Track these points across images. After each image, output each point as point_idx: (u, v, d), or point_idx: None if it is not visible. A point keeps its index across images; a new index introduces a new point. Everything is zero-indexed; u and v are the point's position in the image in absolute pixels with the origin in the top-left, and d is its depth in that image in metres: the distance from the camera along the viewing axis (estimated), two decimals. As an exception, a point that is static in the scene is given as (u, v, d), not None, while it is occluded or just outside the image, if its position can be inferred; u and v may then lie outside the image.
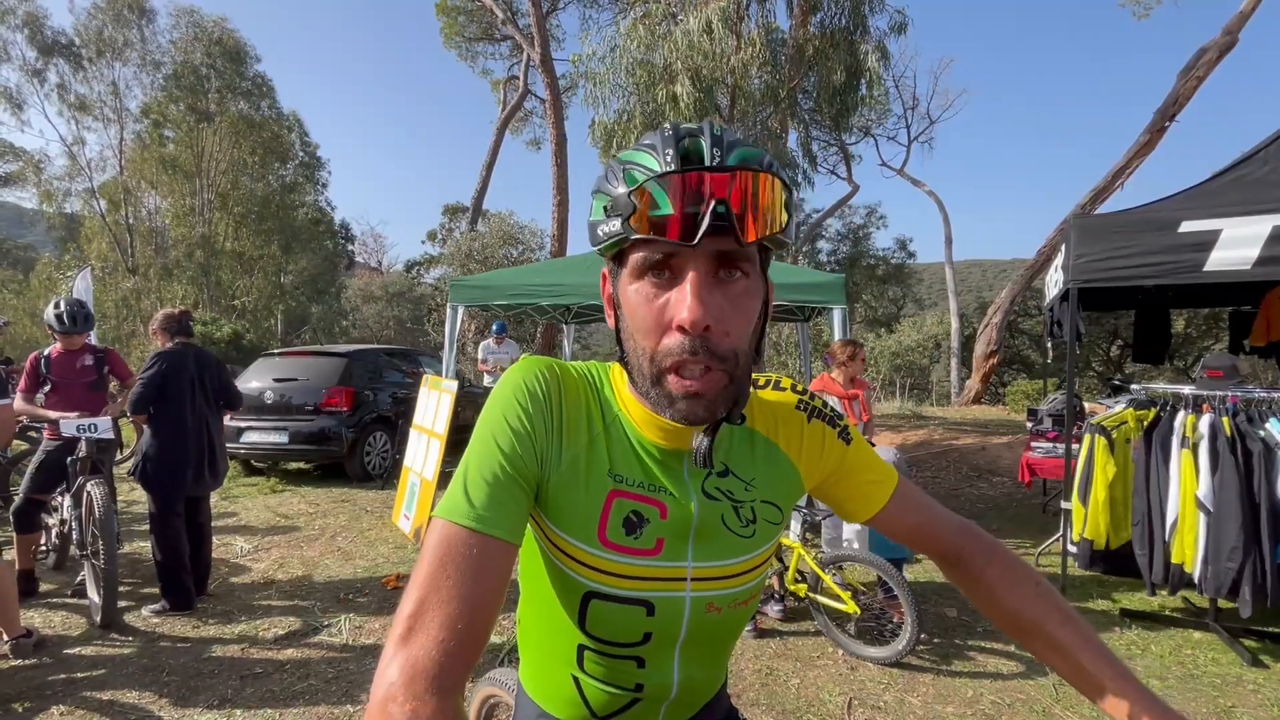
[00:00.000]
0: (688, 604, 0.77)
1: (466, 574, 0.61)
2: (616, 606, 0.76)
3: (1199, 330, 16.01)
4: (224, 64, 25.05)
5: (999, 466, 7.85)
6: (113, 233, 24.43)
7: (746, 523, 0.79)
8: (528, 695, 0.90)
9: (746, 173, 0.61)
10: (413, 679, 0.54)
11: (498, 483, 0.67)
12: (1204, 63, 9.33)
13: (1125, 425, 3.68)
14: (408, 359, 8.90)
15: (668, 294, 0.65)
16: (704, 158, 0.62)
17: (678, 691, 0.82)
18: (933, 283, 41.70)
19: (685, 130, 0.65)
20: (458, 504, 0.65)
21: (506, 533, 0.65)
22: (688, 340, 0.64)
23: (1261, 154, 3.67)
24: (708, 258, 0.64)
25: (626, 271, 0.68)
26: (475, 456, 0.70)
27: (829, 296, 4.88)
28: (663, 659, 0.80)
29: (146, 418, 3.69)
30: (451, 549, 0.62)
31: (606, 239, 0.66)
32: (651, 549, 0.75)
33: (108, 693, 2.83)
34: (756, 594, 0.84)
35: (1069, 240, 3.79)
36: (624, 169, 0.65)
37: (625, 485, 0.75)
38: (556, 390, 0.75)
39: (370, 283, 30.88)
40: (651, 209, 0.62)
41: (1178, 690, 2.93)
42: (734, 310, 0.65)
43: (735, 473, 0.80)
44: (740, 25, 9.83)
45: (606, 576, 0.75)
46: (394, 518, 5.59)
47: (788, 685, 2.96)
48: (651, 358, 0.67)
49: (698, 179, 0.61)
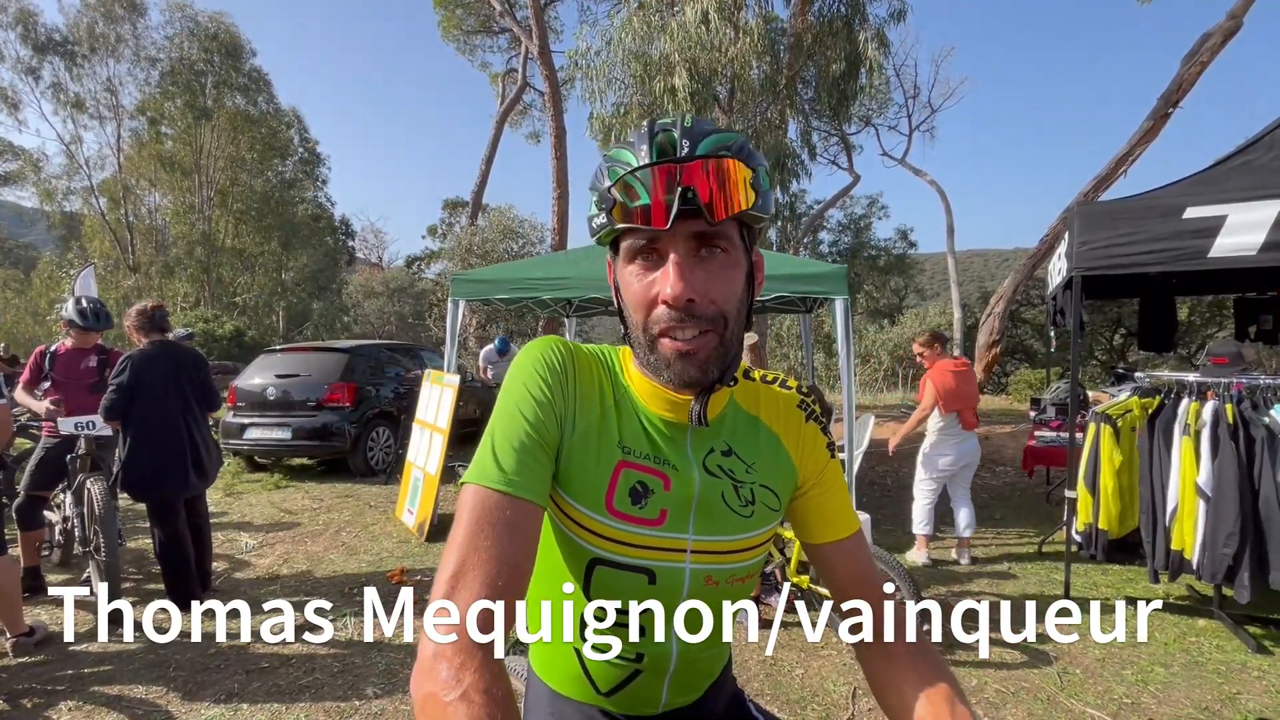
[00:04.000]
0: (687, 574, 0.82)
1: (502, 535, 0.65)
2: (620, 573, 0.80)
3: (1203, 318, 15.94)
4: (220, 59, 24.96)
5: (1002, 456, 7.84)
6: (113, 231, 24.42)
7: (746, 503, 0.83)
8: (538, 676, 0.93)
9: (712, 160, 0.68)
10: (456, 632, 0.58)
11: (524, 448, 0.72)
12: (1208, 48, 9.24)
13: (1130, 414, 3.67)
14: (409, 354, 8.91)
15: (655, 273, 0.72)
16: (675, 149, 0.69)
17: (677, 662, 0.85)
18: (934, 273, 41.54)
19: (660, 126, 0.71)
20: (488, 469, 0.69)
21: (535, 495, 0.70)
22: (675, 311, 0.70)
23: (1267, 139, 3.63)
24: (687, 239, 0.70)
25: (621, 258, 0.75)
26: (501, 424, 0.74)
27: (831, 287, 4.85)
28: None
29: (120, 424, 3.54)
30: (486, 512, 0.66)
31: (599, 230, 0.74)
32: (655, 519, 0.79)
33: (115, 688, 2.84)
34: (754, 573, 0.88)
35: (1072, 228, 3.76)
36: (608, 166, 0.72)
37: (632, 456, 0.80)
38: (572, 364, 0.81)
39: (371, 278, 30.87)
40: (632, 200, 0.69)
41: (1182, 678, 2.93)
42: (717, 281, 0.72)
43: (738, 454, 0.84)
44: (738, 15, 9.76)
45: (612, 544, 0.79)
46: (398, 512, 5.60)
47: (792, 675, 2.96)
48: (645, 327, 0.74)
49: (668, 170, 0.67)
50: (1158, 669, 3.01)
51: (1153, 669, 3.01)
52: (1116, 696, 2.79)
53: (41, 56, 23.17)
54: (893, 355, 19.36)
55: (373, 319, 28.06)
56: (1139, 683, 2.90)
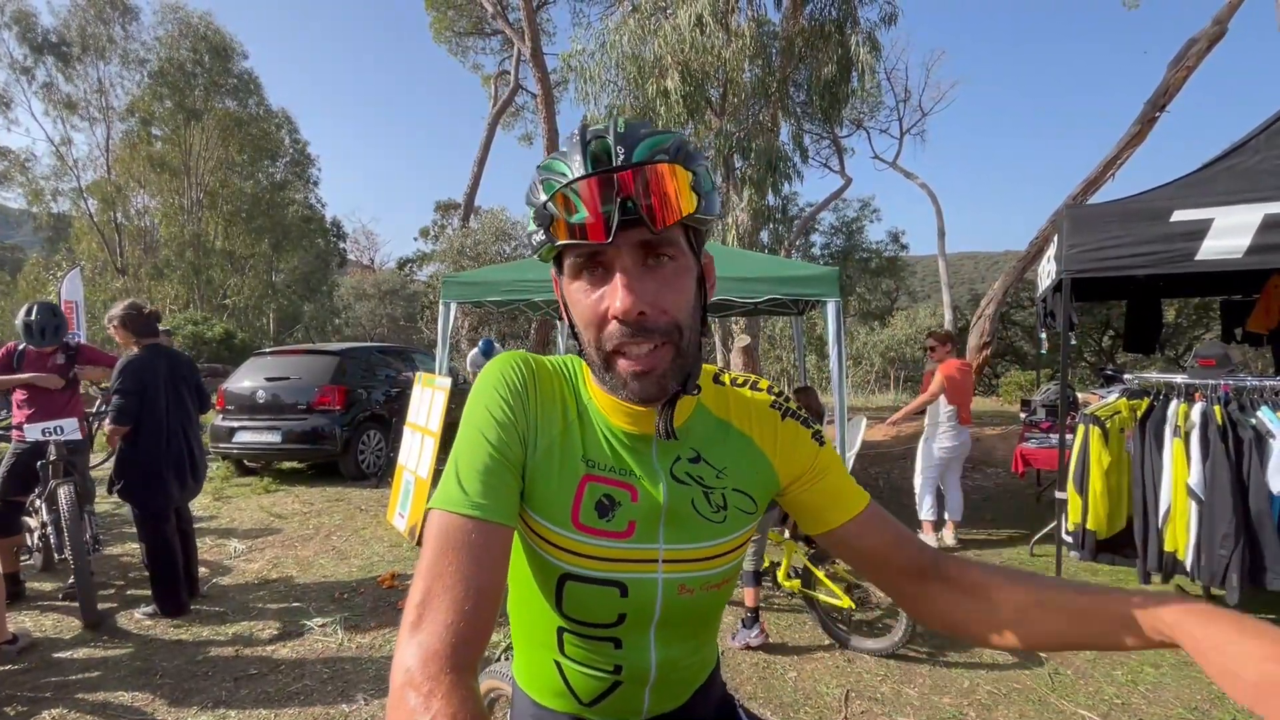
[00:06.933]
0: (660, 585, 0.80)
1: (468, 559, 0.64)
2: (591, 588, 0.79)
3: (1189, 320, 16.10)
4: (210, 60, 24.81)
5: (993, 457, 7.88)
6: (101, 232, 24.20)
7: (717, 508, 0.81)
8: (520, 688, 0.92)
9: (649, 166, 0.65)
10: (426, 662, 0.57)
11: (488, 470, 0.70)
12: (1193, 53, 9.34)
13: (1119, 415, 3.69)
14: (401, 357, 8.86)
15: (602, 288, 0.70)
16: (610, 157, 0.66)
17: (657, 673, 0.84)
18: (925, 275, 41.79)
19: (593, 133, 0.68)
20: (452, 494, 0.68)
21: (502, 516, 0.68)
22: (627, 326, 0.68)
23: (1252, 143, 3.68)
24: (632, 249, 0.68)
25: (565, 274, 0.73)
26: (464, 447, 0.73)
27: (823, 290, 4.87)
28: (638, 640, 0.82)
29: (128, 429, 3.50)
30: (451, 537, 0.65)
31: (539, 247, 0.72)
32: (623, 531, 0.78)
33: (101, 695, 2.80)
34: (731, 578, 0.87)
35: (1061, 231, 3.79)
36: (542, 179, 0.69)
37: (597, 470, 0.79)
38: (532, 381, 0.79)
39: (362, 280, 30.75)
40: (570, 214, 0.66)
41: (1172, 678, 2.95)
42: (667, 290, 0.69)
43: (707, 459, 0.83)
44: (730, 18, 9.78)
45: (580, 559, 0.78)
46: (389, 516, 5.56)
47: (785, 679, 2.96)
48: (598, 345, 0.71)
49: (603, 181, 0.65)
50: (1147, 669, 3.02)
51: (1143, 669, 3.03)
52: (1107, 697, 2.81)
53: (38, 56, 22.96)
54: (884, 357, 19.44)
55: (364, 321, 27.92)
56: (1129, 683, 2.92)
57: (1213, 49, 9.33)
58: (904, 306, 25.48)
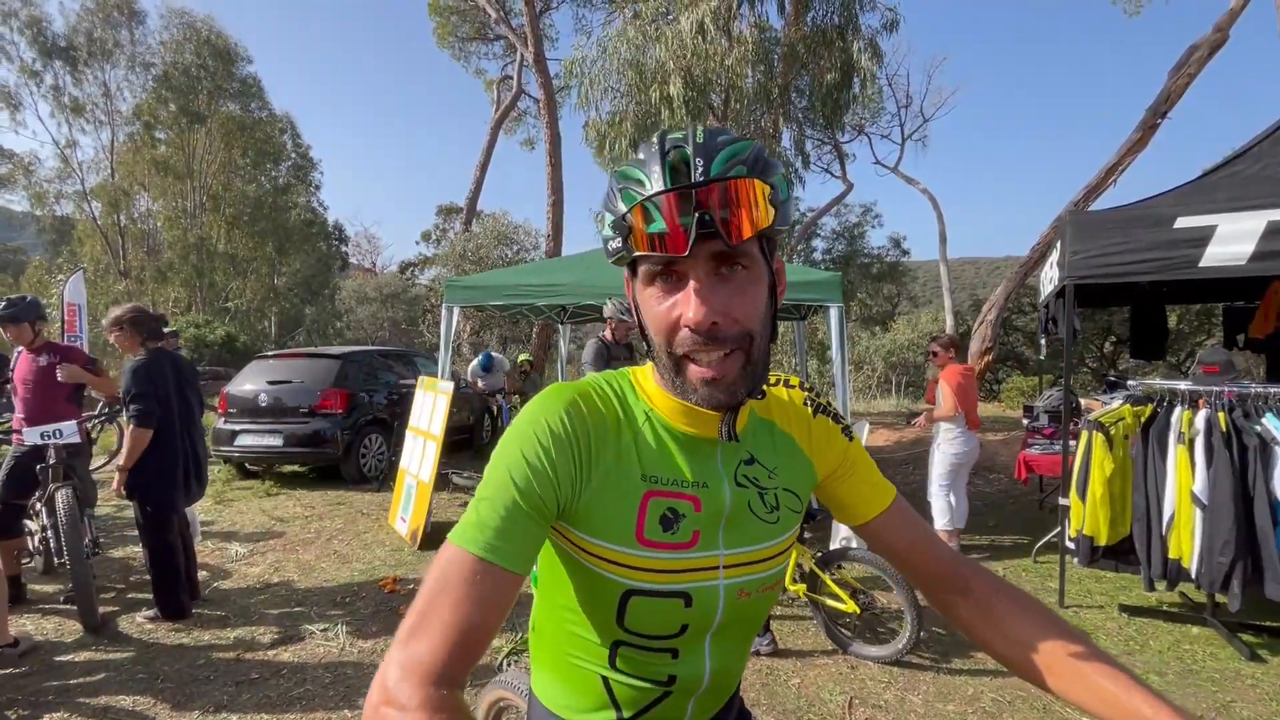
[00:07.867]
0: (721, 591, 0.80)
1: (466, 597, 0.64)
2: (656, 601, 0.78)
3: (1192, 326, 16.06)
4: (214, 64, 24.92)
5: (995, 463, 7.86)
6: (105, 235, 24.26)
7: (771, 509, 0.83)
8: (542, 703, 0.90)
9: (728, 182, 0.66)
10: (407, 674, 0.59)
11: (510, 516, 0.70)
12: (1195, 60, 9.37)
13: (1123, 421, 3.68)
14: (403, 360, 8.87)
15: (675, 296, 0.71)
16: (690, 169, 0.67)
17: (709, 681, 0.85)
18: (927, 280, 41.80)
19: (672, 142, 0.69)
20: (469, 531, 0.69)
21: (513, 563, 0.68)
22: (699, 335, 0.69)
23: (1255, 150, 3.68)
24: (707, 259, 0.69)
25: (639, 279, 0.74)
26: (491, 487, 0.72)
27: (826, 294, 4.87)
28: (696, 649, 0.83)
29: (152, 430, 3.48)
30: (457, 570, 0.66)
31: (614, 254, 0.73)
32: (688, 542, 0.78)
33: (102, 699, 2.80)
34: (781, 579, 0.87)
35: (1064, 237, 3.79)
36: (621, 189, 0.70)
37: (659, 484, 0.78)
38: (580, 421, 0.77)
39: (364, 284, 30.77)
40: (648, 225, 0.67)
41: (1176, 685, 2.93)
42: (739, 298, 0.70)
43: (760, 460, 0.84)
44: (732, 25, 9.82)
45: (646, 573, 0.77)
46: (390, 520, 5.56)
47: (788, 685, 2.95)
48: (669, 350, 0.73)
49: (682, 195, 0.66)
50: (1152, 677, 3.01)
51: (1147, 677, 3.01)
52: (1111, 705, 2.79)
53: (47, 60, 23.07)
54: (886, 362, 19.42)
55: (366, 325, 27.94)
56: (1134, 691, 2.90)
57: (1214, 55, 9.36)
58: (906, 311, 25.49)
